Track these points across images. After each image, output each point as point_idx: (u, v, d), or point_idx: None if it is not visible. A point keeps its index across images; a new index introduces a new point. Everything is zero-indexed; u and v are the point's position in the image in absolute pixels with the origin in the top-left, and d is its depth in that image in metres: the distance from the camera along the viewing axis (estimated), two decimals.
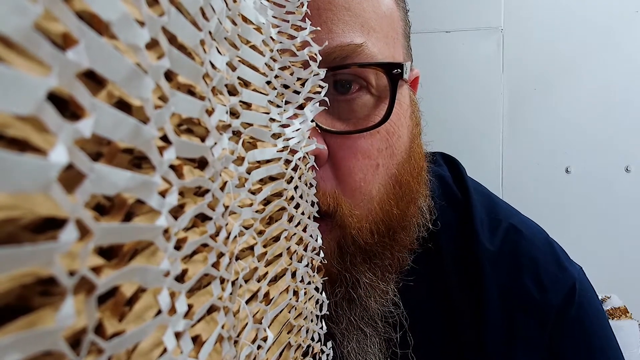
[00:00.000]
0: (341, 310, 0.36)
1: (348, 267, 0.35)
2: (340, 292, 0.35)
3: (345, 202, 0.34)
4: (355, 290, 0.36)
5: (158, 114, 0.14)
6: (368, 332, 0.37)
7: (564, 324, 0.38)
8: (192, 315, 0.16)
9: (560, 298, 0.39)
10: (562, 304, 0.38)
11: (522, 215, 0.44)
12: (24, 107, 0.09)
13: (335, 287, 0.36)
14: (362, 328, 0.37)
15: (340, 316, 0.36)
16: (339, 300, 0.36)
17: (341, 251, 0.35)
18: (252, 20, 0.23)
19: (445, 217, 0.42)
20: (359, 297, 0.36)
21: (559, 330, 0.38)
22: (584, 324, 0.39)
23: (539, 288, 0.39)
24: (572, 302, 0.39)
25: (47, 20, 0.11)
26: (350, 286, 0.36)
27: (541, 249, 0.41)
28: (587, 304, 0.39)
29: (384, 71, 0.34)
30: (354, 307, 0.36)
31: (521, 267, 0.40)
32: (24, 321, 0.10)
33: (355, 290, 0.36)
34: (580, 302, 0.39)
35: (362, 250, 0.35)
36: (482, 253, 0.40)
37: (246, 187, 0.21)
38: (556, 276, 0.39)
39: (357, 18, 0.34)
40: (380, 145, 0.35)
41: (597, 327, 0.39)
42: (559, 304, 0.38)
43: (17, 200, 0.09)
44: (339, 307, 0.36)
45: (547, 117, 1.49)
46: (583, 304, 0.39)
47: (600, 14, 1.45)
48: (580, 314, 0.39)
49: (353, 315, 0.36)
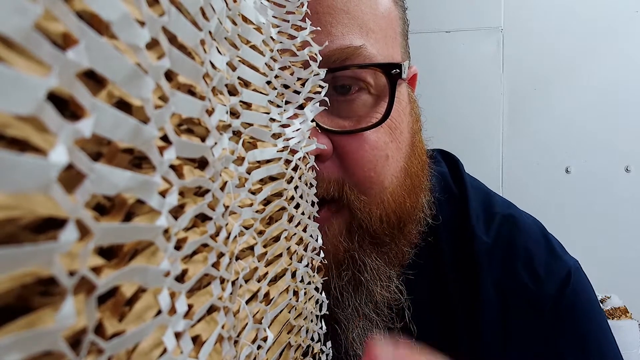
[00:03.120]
0: (347, 294, 0.36)
1: (355, 248, 0.36)
2: (347, 275, 0.36)
3: (352, 189, 0.35)
4: (361, 273, 0.36)
5: (158, 114, 0.14)
6: (373, 318, 0.37)
7: (558, 313, 0.38)
8: (192, 315, 0.16)
9: (555, 288, 0.39)
10: (557, 294, 0.39)
11: (517, 208, 0.45)
12: (24, 107, 0.09)
13: (341, 269, 0.36)
14: (367, 314, 0.37)
15: (345, 301, 0.36)
16: (344, 284, 0.36)
17: (349, 232, 0.36)
18: (252, 20, 0.23)
19: (443, 212, 0.43)
20: (365, 281, 0.36)
21: (553, 319, 0.39)
22: (577, 312, 0.39)
23: (533, 278, 0.39)
24: (566, 290, 0.39)
25: (47, 20, 0.11)
26: (357, 269, 0.36)
27: (535, 240, 0.41)
28: (580, 292, 0.39)
29: (383, 71, 0.35)
30: (360, 291, 0.36)
31: (516, 258, 0.40)
32: (24, 321, 0.10)
33: (362, 273, 0.36)
34: (574, 290, 0.39)
35: (370, 235, 0.36)
36: (478, 246, 0.40)
37: (246, 187, 0.21)
38: (550, 266, 0.40)
39: (355, 20, 0.34)
40: (385, 139, 0.36)
41: (590, 315, 0.40)
42: (554, 293, 0.39)
43: (17, 200, 0.09)
44: (345, 291, 0.36)
45: (547, 117, 1.49)
46: (577, 292, 0.39)
47: (600, 14, 1.45)
48: (573, 302, 0.39)
49: (358, 300, 0.36)
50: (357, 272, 0.36)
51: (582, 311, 0.39)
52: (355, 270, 0.36)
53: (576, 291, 0.39)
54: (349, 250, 0.36)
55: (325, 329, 0.32)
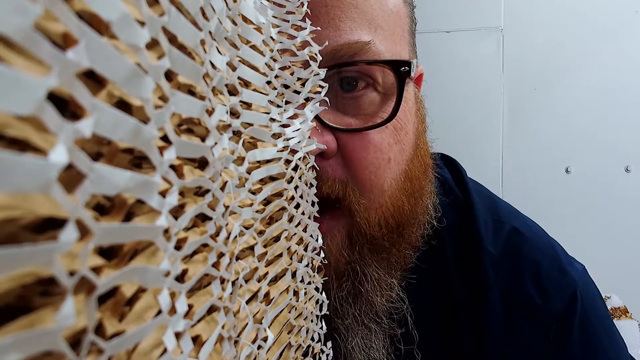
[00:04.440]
0: (346, 305, 0.36)
1: (357, 259, 0.35)
2: (347, 286, 0.35)
3: (354, 191, 0.34)
4: (362, 285, 0.36)
5: (158, 114, 0.14)
6: (372, 327, 0.37)
7: (565, 329, 0.38)
8: (192, 316, 0.16)
9: (563, 303, 0.38)
10: (565, 310, 0.38)
11: (524, 217, 0.44)
12: (24, 107, 0.09)
13: (341, 281, 0.35)
14: (366, 324, 0.37)
15: (345, 311, 0.36)
16: (344, 295, 0.36)
17: (351, 242, 0.35)
18: (252, 20, 0.23)
19: (447, 216, 0.42)
20: (366, 292, 0.36)
21: (562, 337, 0.38)
22: (587, 330, 0.38)
23: (541, 293, 0.39)
24: (574, 308, 0.38)
25: (47, 20, 0.11)
26: (357, 280, 0.35)
27: (543, 252, 0.41)
28: (590, 309, 0.39)
29: (392, 69, 0.34)
30: (360, 302, 0.36)
31: (523, 271, 0.40)
32: (24, 321, 0.10)
33: (362, 284, 0.36)
34: (583, 308, 0.38)
35: (369, 242, 0.35)
36: (485, 256, 0.40)
37: (246, 187, 0.21)
38: (558, 281, 0.39)
39: (364, 15, 0.33)
40: (390, 140, 0.35)
41: (599, 330, 0.39)
42: (561, 309, 0.38)
43: (17, 200, 0.09)
44: (345, 302, 0.36)
45: (547, 117, 1.49)
46: (586, 310, 0.39)
47: (600, 14, 1.45)
48: (583, 320, 0.38)
49: (358, 310, 0.36)
50: (357, 284, 0.35)
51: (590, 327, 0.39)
52: (355, 281, 0.35)
53: (586, 310, 0.39)
54: (351, 262, 0.35)
55: (325, 329, 0.32)
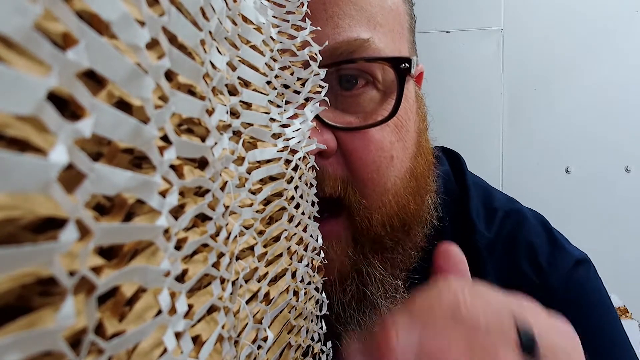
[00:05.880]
0: (350, 309, 0.35)
1: (361, 260, 0.35)
2: (351, 290, 0.35)
3: (354, 190, 0.34)
4: (366, 287, 0.35)
5: (158, 114, 0.14)
6: None
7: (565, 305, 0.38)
8: (192, 315, 0.16)
9: (560, 279, 0.38)
10: (563, 285, 0.38)
11: (518, 203, 0.44)
12: (24, 107, 0.09)
13: (345, 284, 0.35)
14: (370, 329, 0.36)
15: (348, 317, 0.35)
16: (348, 300, 0.35)
17: (354, 242, 0.35)
18: (252, 20, 0.23)
19: (449, 214, 0.42)
20: (370, 294, 0.35)
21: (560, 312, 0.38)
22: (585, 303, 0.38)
23: (536, 271, 0.38)
24: (572, 282, 0.38)
25: (47, 20, 0.11)
26: (362, 282, 0.35)
27: (538, 233, 0.40)
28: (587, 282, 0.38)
29: (392, 66, 0.34)
30: (364, 306, 0.36)
31: (518, 251, 0.39)
32: (24, 321, 0.10)
33: (366, 286, 0.35)
34: (580, 281, 0.38)
35: (372, 241, 0.35)
36: (479, 240, 0.40)
37: (246, 187, 0.21)
38: (553, 257, 0.39)
39: (363, 12, 0.33)
40: (391, 138, 0.35)
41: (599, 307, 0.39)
42: (559, 285, 0.38)
43: (17, 200, 0.09)
44: (349, 306, 0.35)
45: (547, 117, 1.49)
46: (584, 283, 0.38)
47: (600, 14, 1.45)
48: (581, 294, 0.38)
49: (362, 315, 0.36)
50: (361, 286, 0.35)
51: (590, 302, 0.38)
52: (360, 283, 0.35)
53: (583, 282, 0.38)
54: (356, 264, 0.35)
55: (325, 329, 0.32)
